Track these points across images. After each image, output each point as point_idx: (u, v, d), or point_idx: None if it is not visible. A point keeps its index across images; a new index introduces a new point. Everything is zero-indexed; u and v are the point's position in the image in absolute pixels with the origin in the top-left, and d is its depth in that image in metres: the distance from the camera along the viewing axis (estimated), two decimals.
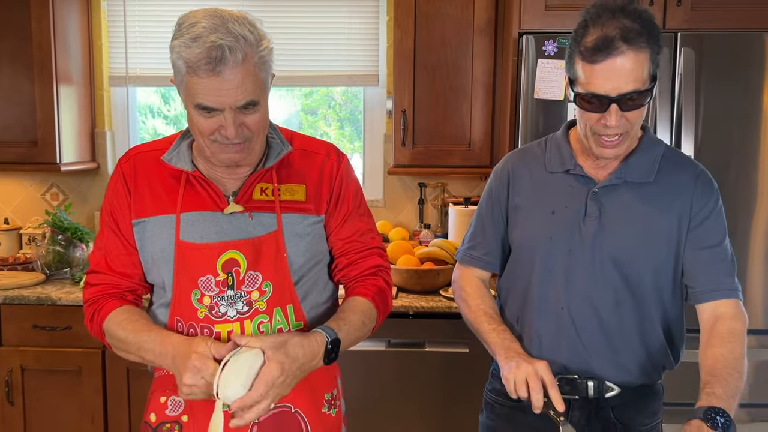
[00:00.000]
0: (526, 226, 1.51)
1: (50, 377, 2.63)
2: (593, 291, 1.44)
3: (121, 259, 1.38)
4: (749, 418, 2.43)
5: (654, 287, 1.45)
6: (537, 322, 1.48)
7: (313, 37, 3.10)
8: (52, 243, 2.88)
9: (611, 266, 1.43)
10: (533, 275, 1.49)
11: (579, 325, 1.45)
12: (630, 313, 1.45)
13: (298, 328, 1.36)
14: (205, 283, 1.31)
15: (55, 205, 3.22)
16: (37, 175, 3.21)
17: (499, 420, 1.57)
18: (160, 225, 1.34)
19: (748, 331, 2.35)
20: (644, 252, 1.43)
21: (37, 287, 2.71)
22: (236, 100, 1.20)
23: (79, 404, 2.64)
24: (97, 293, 1.38)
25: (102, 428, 2.64)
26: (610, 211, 1.43)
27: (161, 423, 1.39)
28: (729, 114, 2.32)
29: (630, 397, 1.44)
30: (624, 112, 1.33)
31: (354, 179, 1.47)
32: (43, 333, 2.59)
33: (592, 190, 1.45)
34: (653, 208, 1.43)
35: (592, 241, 1.43)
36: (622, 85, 1.30)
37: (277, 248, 1.33)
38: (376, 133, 3.19)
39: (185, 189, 1.34)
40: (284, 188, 1.36)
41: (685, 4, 2.33)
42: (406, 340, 2.50)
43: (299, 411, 1.38)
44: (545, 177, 1.51)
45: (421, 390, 2.52)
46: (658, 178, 1.45)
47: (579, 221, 1.44)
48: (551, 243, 1.46)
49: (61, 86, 2.89)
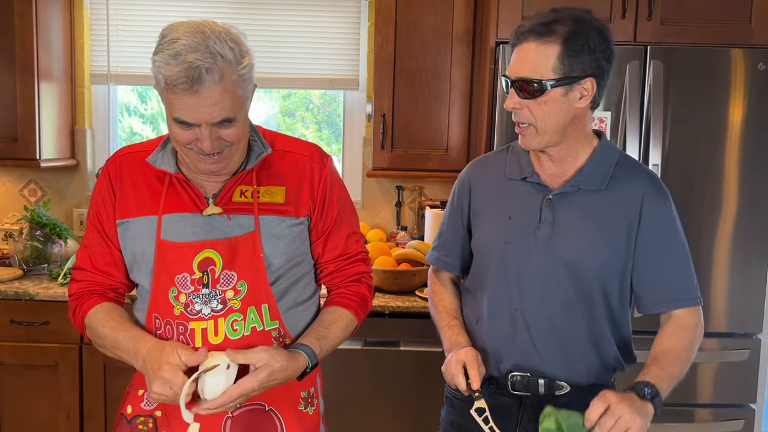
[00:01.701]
0: (485, 230, 1.57)
1: (26, 372, 2.63)
2: (546, 294, 1.49)
3: (103, 258, 1.42)
4: (712, 417, 2.51)
5: (603, 291, 1.49)
6: (492, 323, 1.54)
7: (295, 40, 3.14)
8: (30, 239, 2.88)
9: (563, 270, 1.47)
10: (489, 278, 1.54)
11: (531, 326, 1.50)
12: (580, 316, 1.49)
13: (272, 327, 1.38)
14: (182, 280, 1.34)
15: (33, 201, 3.22)
16: (15, 171, 3.20)
17: (457, 413, 1.62)
18: (143, 225, 1.37)
19: (711, 334, 2.47)
20: (594, 257, 1.47)
21: (14, 282, 2.71)
22: (212, 117, 1.23)
23: (55, 399, 2.64)
24: (81, 289, 1.43)
25: (77, 423, 2.65)
26: (563, 217, 1.48)
27: (136, 416, 1.42)
28: (696, 125, 2.40)
29: (581, 394, 1.48)
30: (523, 100, 1.41)
31: (338, 181, 1.50)
32: (20, 328, 2.60)
33: (547, 197, 1.49)
34: (605, 215, 1.48)
35: (546, 245, 1.48)
36: (519, 69, 1.41)
37: (253, 249, 1.35)
38: (355, 136, 3.24)
39: (168, 191, 1.37)
40: (264, 190, 1.39)
41: (655, 19, 2.42)
42: (382, 339, 2.55)
43: (273, 409, 1.41)
44: (504, 184, 1.56)
45: (396, 388, 2.56)
46: (611, 185, 1.49)
47: (534, 227, 1.49)
48: (507, 247, 1.51)
49: (43, 83, 2.89)
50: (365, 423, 2.59)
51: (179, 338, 1.35)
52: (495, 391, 1.54)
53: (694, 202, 2.44)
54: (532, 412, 1.50)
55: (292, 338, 1.42)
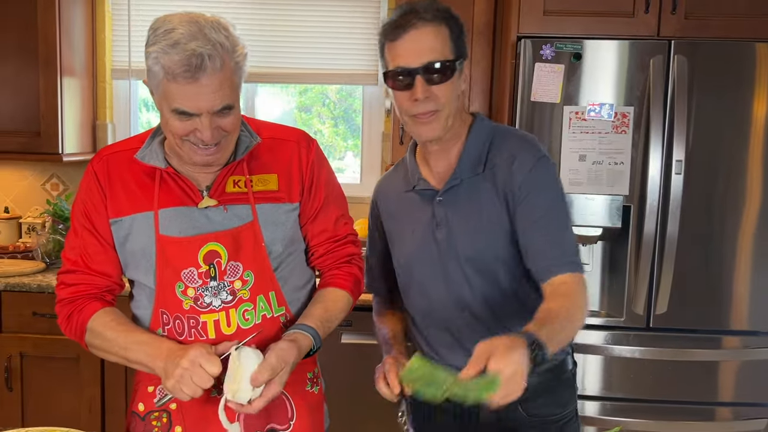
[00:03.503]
0: (396, 249, 1.55)
1: (49, 364, 2.67)
2: (462, 294, 1.45)
3: (98, 258, 1.39)
4: (733, 416, 2.49)
5: (510, 276, 1.44)
6: (429, 336, 1.51)
7: (313, 35, 3.15)
8: (52, 232, 2.92)
9: (468, 266, 1.44)
10: (412, 294, 1.52)
11: (462, 329, 1.46)
12: (500, 305, 1.45)
13: (280, 313, 1.40)
14: (188, 275, 1.34)
15: (55, 195, 3.25)
16: (38, 165, 3.24)
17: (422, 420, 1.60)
18: (139, 222, 1.36)
19: (733, 332, 2.44)
20: (488, 245, 1.43)
21: (37, 275, 2.75)
22: (213, 105, 1.22)
23: (77, 392, 2.68)
24: (76, 293, 1.39)
25: (99, 417, 2.68)
26: (454, 213, 1.45)
27: (149, 412, 1.42)
28: (720, 121, 2.38)
29: (535, 389, 1.35)
30: (431, 87, 1.35)
31: (325, 165, 1.49)
32: (43, 320, 2.63)
33: (437, 199, 1.46)
34: (487, 196, 1.43)
35: (447, 247, 1.45)
36: (423, 55, 1.34)
37: (255, 238, 1.36)
38: (374, 132, 3.24)
39: (160, 186, 1.36)
40: (256, 179, 1.39)
41: (679, 13, 2.39)
42: None
43: (284, 392, 1.39)
44: (401, 198, 1.53)
45: None
46: (487, 165, 1.43)
47: (432, 233, 1.46)
48: (417, 259, 1.49)
49: (65, 78, 2.92)
50: (376, 417, 2.59)
51: (191, 331, 1.35)
52: None
53: (717, 197, 2.41)
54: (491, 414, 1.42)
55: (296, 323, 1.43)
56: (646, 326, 2.45)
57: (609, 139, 2.38)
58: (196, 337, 1.35)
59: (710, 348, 2.46)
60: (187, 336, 1.36)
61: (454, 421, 1.50)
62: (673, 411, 2.45)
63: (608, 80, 2.38)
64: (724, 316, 2.46)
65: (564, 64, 2.36)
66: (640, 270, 2.41)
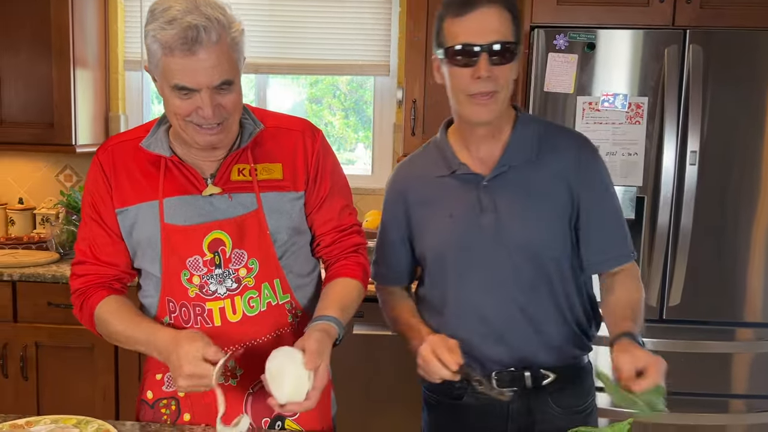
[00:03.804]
0: (428, 235, 1.51)
1: (64, 354, 2.70)
2: (507, 283, 1.44)
3: (106, 249, 1.40)
4: (747, 408, 2.48)
5: (561, 264, 1.46)
6: (461, 327, 1.46)
7: (325, 26, 3.14)
8: (66, 223, 2.94)
9: (518, 255, 1.43)
10: (447, 282, 1.48)
11: (502, 319, 1.45)
12: (546, 295, 1.45)
13: (285, 300, 1.41)
14: (193, 263, 1.35)
15: (69, 186, 3.28)
16: (51, 157, 3.26)
17: (440, 418, 1.58)
18: (144, 212, 1.37)
19: (747, 324, 2.44)
20: (545, 233, 1.43)
21: (52, 266, 2.77)
22: (212, 80, 1.23)
23: (91, 381, 2.71)
24: (85, 283, 1.41)
25: (113, 404, 2.71)
26: (503, 201, 1.43)
27: (158, 399, 1.43)
28: (735, 111, 2.36)
29: (564, 380, 1.46)
30: (493, 67, 1.34)
31: (331, 155, 1.49)
32: (58, 310, 2.65)
33: (482, 185, 1.44)
34: (543, 186, 1.43)
35: (494, 234, 1.43)
36: (489, 34, 1.34)
37: (259, 226, 1.36)
38: (385, 123, 3.24)
39: (165, 174, 1.37)
40: (261, 168, 1.39)
41: (694, 2, 2.37)
42: None
43: None
44: (435, 182, 1.50)
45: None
46: (540, 155, 1.44)
47: (477, 219, 1.44)
48: (457, 247, 1.46)
49: (78, 69, 2.93)
50: (391, 409, 2.60)
51: (197, 319, 1.36)
52: (477, 390, 1.44)
53: (731, 188, 2.39)
54: (521, 405, 1.46)
55: (303, 309, 1.44)
56: (659, 318, 2.44)
57: (623, 129, 2.37)
58: (202, 324, 1.36)
59: (723, 340, 2.45)
60: (193, 323, 1.37)
61: (482, 415, 1.48)
62: (686, 403, 2.44)
63: (622, 70, 2.36)
64: (738, 308, 2.44)
65: (577, 53, 2.35)
66: (653, 261, 2.40)
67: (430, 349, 1.34)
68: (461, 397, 1.50)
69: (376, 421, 2.59)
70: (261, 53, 3.16)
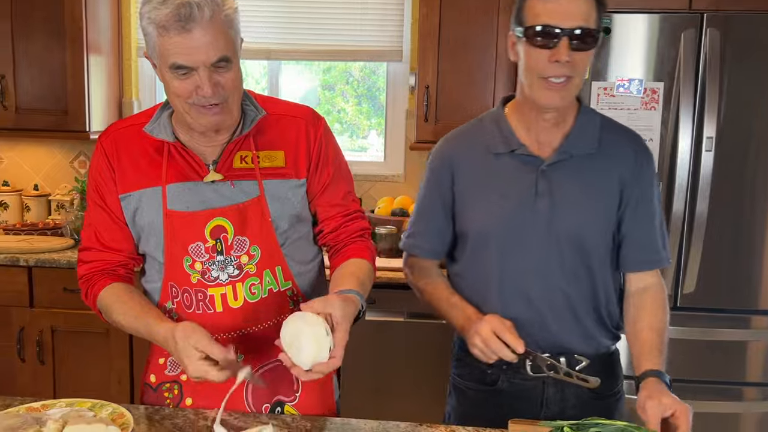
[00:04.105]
0: (476, 213, 1.48)
1: (79, 339, 2.73)
2: (553, 269, 1.44)
3: (111, 234, 1.40)
4: (761, 396, 2.46)
5: (604, 254, 1.47)
6: (501, 308, 1.44)
7: (337, 11, 3.12)
8: (81, 209, 2.96)
9: (567, 243, 1.43)
10: (492, 262, 1.46)
11: (543, 303, 1.45)
12: (588, 284, 1.46)
13: (287, 287, 1.41)
14: (195, 249, 1.35)
15: (83, 173, 3.29)
16: (66, 143, 3.28)
17: (469, 403, 1.56)
18: (148, 197, 1.37)
19: (762, 311, 2.41)
20: (596, 223, 1.44)
21: (66, 251, 2.79)
22: (209, 57, 1.22)
23: (106, 365, 2.74)
24: (90, 270, 1.41)
25: (128, 388, 2.74)
26: (560, 187, 1.42)
27: (161, 383, 1.45)
28: (752, 96, 2.32)
29: (596, 366, 1.45)
30: (572, 52, 1.32)
31: (332, 141, 1.48)
32: (73, 296, 2.67)
33: (541, 168, 1.43)
34: (600, 179, 1.44)
35: (547, 219, 1.42)
36: (573, 19, 1.31)
37: (261, 213, 1.37)
38: (398, 109, 3.22)
39: (168, 160, 1.37)
40: (263, 155, 1.39)
41: None
42: (424, 311, 2.56)
43: None
44: (489, 159, 1.47)
45: (437, 361, 2.57)
46: (600, 149, 1.45)
47: (531, 202, 1.43)
48: (506, 227, 1.44)
49: (91, 56, 2.94)
50: (404, 395, 2.61)
51: (198, 305, 1.37)
52: (513, 376, 1.48)
53: (748, 175, 2.36)
54: (556, 392, 1.48)
55: (304, 296, 1.44)
56: (674, 305, 2.42)
57: (638, 115, 2.34)
58: (204, 310, 1.37)
59: (738, 328, 2.43)
60: (195, 309, 1.38)
61: (516, 400, 1.48)
62: (700, 390, 2.43)
63: (638, 55, 2.33)
64: (753, 296, 2.42)
65: None
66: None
67: (490, 330, 1.34)
68: (495, 383, 1.50)
69: (387, 408, 2.60)
70: (273, 39, 3.16)
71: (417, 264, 1.60)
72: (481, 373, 1.51)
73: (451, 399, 1.62)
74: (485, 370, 1.49)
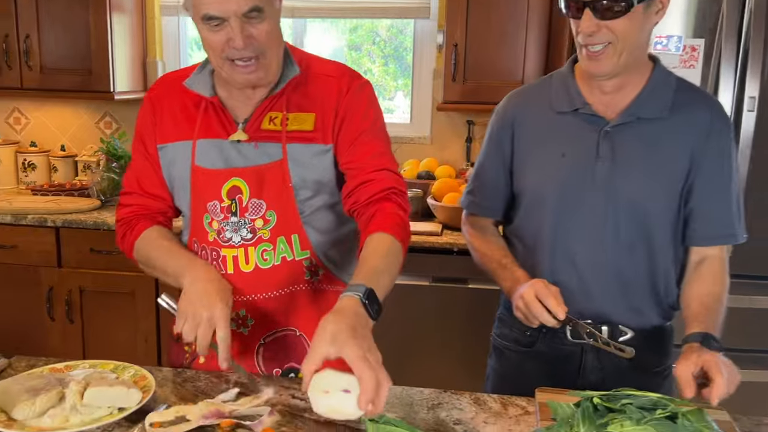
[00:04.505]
0: (534, 171, 1.44)
1: (107, 299, 2.75)
2: (607, 236, 1.39)
3: (151, 181, 1.42)
4: None
5: (667, 228, 1.40)
6: (550, 271, 1.43)
7: None
8: (107, 170, 2.96)
9: (626, 209, 1.37)
10: (545, 223, 1.43)
11: (593, 271, 1.41)
12: (643, 256, 1.40)
13: (304, 257, 1.37)
14: (213, 208, 1.35)
15: (108, 134, 3.29)
16: (91, 104, 3.27)
17: (509, 364, 1.55)
18: (179, 151, 1.37)
19: None
20: (660, 192, 1.37)
21: (93, 212, 2.80)
22: (239, 7, 1.20)
23: (133, 324, 2.76)
24: (130, 213, 1.43)
25: (155, 347, 2.77)
26: (623, 150, 1.36)
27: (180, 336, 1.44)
28: None
29: (642, 339, 1.42)
30: (600, 21, 1.27)
31: (366, 101, 1.39)
32: (100, 257, 2.70)
33: (604, 130, 1.37)
34: (668, 146, 1.36)
35: (606, 183, 1.37)
36: None
37: (282, 178, 1.33)
38: (425, 69, 3.14)
39: (202, 115, 1.36)
40: (293, 117, 1.35)
41: None
42: (450, 276, 2.53)
43: (304, 335, 1.41)
44: (552, 118, 1.43)
45: (462, 326, 2.55)
46: (672, 113, 1.37)
47: (591, 163, 1.38)
48: (562, 188, 1.40)
49: (115, 15, 2.91)
50: (429, 360, 2.60)
51: (213, 263, 1.37)
52: (552, 340, 1.46)
53: None
54: (594, 358, 1.44)
55: (325, 269, 1.41)
56: None
57: (677, 73, 2.23)
58: (218, 269, 1.35)
59: None
60: None
61: (553, 364, 1.45)
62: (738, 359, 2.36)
63: (677, 10, 2.23)
64: None
65: None
66: None
67: (533, 294, 1.32)
68: (533, 345, 1.48)
69: (412, 374, 2.59)
70: None
71: (476, 222, 1.59)
72: (521, 335, 1.50)
73: (491, 360, 1.62)
74: (525, 332, 1.47)
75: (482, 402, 1.26)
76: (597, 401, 1.14)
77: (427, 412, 1.22)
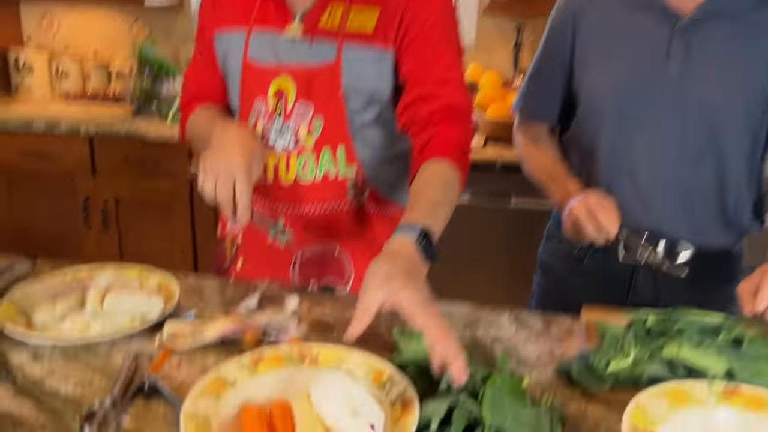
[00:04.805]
0: (593, 69, 1.32)
1: (143, 210, 2.74)
2: (673, 143, 1.26)
3: (207, 72, 1.36)
4: None
5: (743, 138, 1.26)
6: (607, 180, 1.32)
7: None
8: (140, 79, 2.89)
9: (697, 114, 1.24)
10: (602, 128, 1.31)
11: (654, 182, 1.29)
12: (712, 168, 1.27)
13: (348, 174, 1.28)
14: (259, 107, 1.28)
15: (140, 40, 3.20)
16: (124, 9, 3.17)
17: (555, 280, 1.48)
18: (234, 43, 1.28)
19: None
20: (738, 97, 1.23)
21: (126, 121, 2.75)
22: None
23: (170, 235, 2.76)
24: (187, 99, 1.39)
25: (191, 257, 2.77)
26: (699, 50, 1.23)
27: (223, 239, 1.44)
28: None
29: (704, 259, 1.30)
30: None
31: (439, 4, 1.22)
32: (134, 167, 2.67)
33: (678, 27, 1.23)
34: (752, 46, 1.22)
35: (677, 86, 1.24)
36: None
37: (333, 82, 1.21)
38: None
39: (260, 3, 1.26)
40: (354, 13, 1.20)
41: None
42: (491, 191, 2.41)
43: (346, 253, 1.29)
44: (619, 13, 1.30)
45: (504, 246, 2.46)
46: (759, 9, 1.22)
47: (661, 63, 1.24)
48: (624, 91, 1.27)
49: None
50: (469, 278, 2.53)
51: None
52: (602, 258, 1.36)
53: None
54: (646, 278, 1.34)
55: (371, 190, 1.30)
56: None
57: None
58: None
59: None
60: None
61: (601, 281, 1.37)
62: None
63: None
64: None
65: None
66: None
67: (585, 208, 1.23)
68: (582, 260, 1.39)
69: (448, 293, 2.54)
70: None
71: (529, 129, 1.48)
72: (568, 251, 1.40)
73: (537, 276, 1.55)
74: (572, 248, 1.38)
75: (523, 320, 1.18)
76: (653, 320, 1.04)
77: (464, 329, 1.15)
